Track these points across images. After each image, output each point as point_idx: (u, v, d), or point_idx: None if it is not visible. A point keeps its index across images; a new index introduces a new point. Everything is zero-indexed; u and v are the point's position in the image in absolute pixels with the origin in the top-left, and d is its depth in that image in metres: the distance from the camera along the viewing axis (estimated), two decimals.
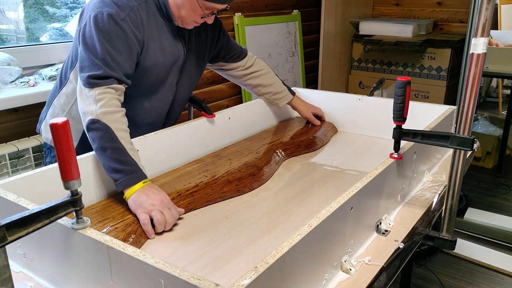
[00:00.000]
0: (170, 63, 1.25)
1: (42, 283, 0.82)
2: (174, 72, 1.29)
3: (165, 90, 1.29)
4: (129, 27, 1.11)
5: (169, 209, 0.98)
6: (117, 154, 1.01)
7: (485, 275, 2.13)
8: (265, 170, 1.26)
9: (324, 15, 2.88)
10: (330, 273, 0.80)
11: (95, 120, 1.03)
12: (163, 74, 1.25)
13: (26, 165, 1.60)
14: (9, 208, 0.81)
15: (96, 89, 1.05)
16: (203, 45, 1.37)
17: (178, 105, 1.38)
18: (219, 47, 1.45)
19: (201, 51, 1.37)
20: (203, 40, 1.37)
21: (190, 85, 1.39)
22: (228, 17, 2.58)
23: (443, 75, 2.90)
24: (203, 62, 1.41)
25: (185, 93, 1.38)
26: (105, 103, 1.04)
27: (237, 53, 1.51)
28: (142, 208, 0.97)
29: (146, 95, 1.27)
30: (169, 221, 0.97)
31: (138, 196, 0.98)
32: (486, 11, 0.85)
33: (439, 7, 3.22)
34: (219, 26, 1.43)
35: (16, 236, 0.57)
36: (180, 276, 0.58)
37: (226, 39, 1.47)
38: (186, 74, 1.34)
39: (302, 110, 1.66)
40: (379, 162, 0.99)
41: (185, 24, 1.22)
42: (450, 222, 1.01)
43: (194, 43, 1.33)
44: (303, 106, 1.66)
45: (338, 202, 0.79)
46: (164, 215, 0.96)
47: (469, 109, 0.92)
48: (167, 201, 1.00)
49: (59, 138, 0.64)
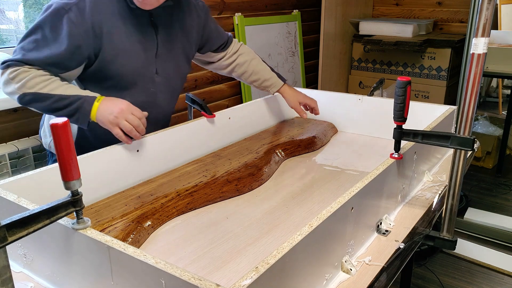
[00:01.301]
0: (140, 50, 1.22)
1: (43, 283, 0.82)
2: (150, 62, 1.25)
3: (144, 81, 1.26)
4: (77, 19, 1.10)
5: (131, 113, 1.09)
6: (60, 102, 1.09)
7: (485, 275, 2.13)
8: (265, 170, 1.26)
9: (324, 15, 2.88)
10: (331, 273, 0.80)
11: (21, 96, 1.09)
12: (135, 64, 1.22)
13: (26, 165, 1.59)
14: (9, 208, 0.81)
15: (9, 69, 1.09)
16: (187, 31, 1.33)
17: (166, 97, 1.34)
18: (207, 34, 1.41)
19: (185, 38, 1.33)
20: (188, 27, 1.33)
21: (177, 75, 1.35)
22: (228, 17, 2.58)
23: (443, 75, 2.90)
24: (190, 50, 1.37)
25: (170, 84, 1.33)
26: (17, 75, 1.08)
27: (224, 41, 1.48)
28: (109, 123, 1.08)
29: (126, 89, 1.24)
30: (135, 124, 1.09)
31: (100, 114, 1.09)
32: (486, 11, 0.85)
33: (439, 7, 3.22)
34: (206, 12, 1.40)
35: (16, 236, 0.57)
36: (181, 276, 0.58)
37: (214, 26, 1.43)
38: (168, 64, 1.30)
39: (289, 99, 1.54)
40: (379, 162, 0.99)
41: (142, 4, 1.15)
42: (450, 222, 1.01)
43: (174, 30, 1.29)
44: (291, 94, 1.54)
45: (338, 202, 0.79)
46: (128, 121, 1.08)
47: (469, 109, 0.92)
48: (126, 106, 1.09)
49: (59, 138, 0.64)
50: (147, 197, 1.08)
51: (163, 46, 1.27)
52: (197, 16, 1.36)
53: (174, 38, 1.30)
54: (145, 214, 0.99)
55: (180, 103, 2.40)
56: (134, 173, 1.16)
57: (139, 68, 1.23)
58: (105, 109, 1.09)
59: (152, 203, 1.04)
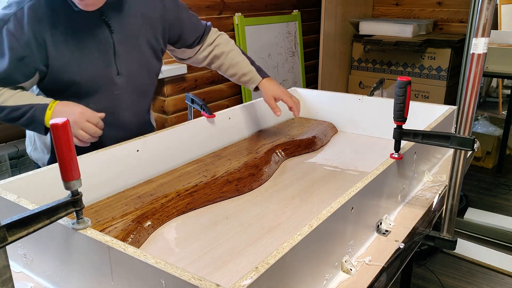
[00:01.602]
0: (93, 54, 1.14)
1: (43, 284, 0.82)
2: (108, 64, 1.17)
3: (106, 85, 1.18)
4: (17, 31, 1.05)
5: (87, 121, 1.06)
6: (14, 113, 1.07)
7: (485, 275, 2.13)
8: (265, 170, 1.26)
9: (324, 15, 2.88)
10: (331, 273, 0.80)
11: None
12: (91, 69, 1.14)
13: (26, 165, 1.60)
14: (9, 208, 0.81)
15: None
16: (150, 24, 1.23)
17: (133, 98, 1.25)
18: (179, 27, 1.30)
19: (149, 32, 1.23)
20: (150, 19, 1.23)
21: (143, 73, 1.26)
22: (228, 17, 2.58)
23: (443, 75, 2.90)
24: (157, 44, 1.27)
25: (137, 83, 1.24)
26: None
27: (200, 34, 1.36)
28: None
29: (88, 95, 1.17)
30: (91, 132, 1.06)
31: None
32: (486, 11, 0.85)
33: (439, 7, 3.22)
34: (174, 2, 1.29)
35: (16, 236, 0.57)
36: (181, 276, 0.58)
37: (188, 17, 1.32)
38: (131, 62, 1.21)
39: (264, 93, 1.39)
40: (379, 162, 0.99)
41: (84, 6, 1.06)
42: (450, 222, 1.01)
43: (133, 25, 1.19)
44: (267, 88, 1.38)
45: (338, 202, 0.79)
46: (84, 130, 1.05)
47: (469, 109, 0.92)
48: (79, 116, 1.06)
49: (59, 138, 0.64)
50: (147, 197, 1.08)
51: (121, 45, 1.18)
52: (161, 7, 1.25)
53: (134, 33, 1.20)
54: (145, 214, 0.99)
55: (180, 103, 2.41)
56: (134, 173, 1.16)
57: (96, 72, 1.16)
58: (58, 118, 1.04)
59: (152, 203, 1.04)
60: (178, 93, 2.40)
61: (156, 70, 1.31)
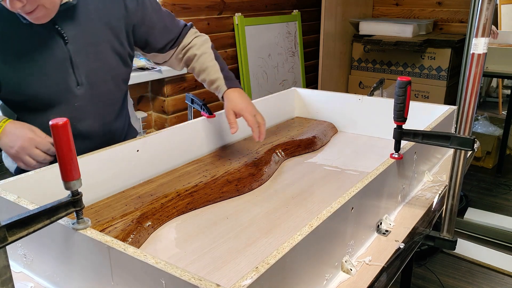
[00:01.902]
0: (47, 67, 1.07)
1: (43, 284, 0.82)
2: (65, 75, 1.10)
3: (65, 98, 1.11)
4: None
5: (35, 147, 1.01)
6: None
7: (485, 275, 2.13)
8: (265, 170, 1.26)
9: (324, 15, 2.88)
10: (331, 273, 0.80)
11: None
12: (46, 83, 1.08)
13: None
14: (9, 208, 0.81)
15: None
16: (111, 26, 1.14)
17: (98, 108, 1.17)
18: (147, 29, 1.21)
19: (111, 35, 1.15)
20: (110, 21, 1.14)
21: (108, 81, 1.18)
22: (228, 17, 2.58)
23: (443, 75, 2.90)
24: (121, 48, 1.18)
25: (100, 92, 1.17)
26: None
27: (175, 37, 1.27)
28: (11, 156, 1.01)
29: (47, 109, 1.11)
30: (39, 159, 1.01)
31: (2, 144, 1.01)
32: (486, 11, 0.85)
33: (439, 7, 3.22)
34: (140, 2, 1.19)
35: (16, 236, 0.57)
36: (181, 276, 0.58)
37: (158, 18, 1.22)
38: (92, 71, 1.13)
39: (225, 105, 1.23)
40: (379, 162, 0.99)
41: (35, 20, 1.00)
42: (450, 222, 1.01)
43: (90, 31, 1.11)
44: (230, 100, 1.22)
45: (338, 202, 0.79)
46: (32, 157, 1.00)
47: (469, 109, 0.92)
48: (28, 141, 1.00)
49: (59, 138, 0.64)
50: (147, 197, 1.08)
51: (79, 54, 1.10)
52: (123, 9, 1.16)
53: (93, 40, 1.12)
54: (145, 214, 0.99)
55: (180, 103, 2.41)
56: (134, 173, 1.16)
57: (53, 86, 1.09)
58: (6, 141, 1.00)
59: (152, 203, 1.04)
60: (178, 93, 2.40)
61: (123, 76, 1.23)
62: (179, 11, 2.30)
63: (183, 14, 2.32)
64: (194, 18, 2.39)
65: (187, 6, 2.34)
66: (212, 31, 2.51)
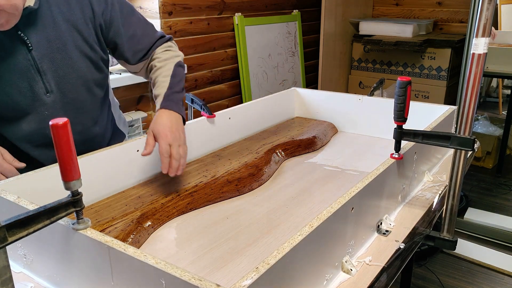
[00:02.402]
0: (11, 76, 1.03)
1: (43, 284, 0.82)
2: (32, 83, 1.05)
3: (34, 107, 1.07)
4: None
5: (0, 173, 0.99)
6: None
7: (485, 275, 2.13)
8: (265, 170, 1.26)
9: (324, 15, 2.88)
10: (331, 274, 0.80)
11: None
12: (10, 92, 1.04)
13: None
14: (9, 209, 0.81)
15: None
16: (77, 29, 1.08)
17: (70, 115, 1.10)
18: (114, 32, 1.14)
19: (79, 39, 1.09)
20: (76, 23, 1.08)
21: (79, 87, 1.13)
22: (228, 17, 2.58)
23: (443, 75, 2.90)
24: (91, 51, 1.12)
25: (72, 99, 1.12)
26: None
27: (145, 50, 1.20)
28: None
29: (16, 118, 1.08)
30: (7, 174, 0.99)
31: None
32: (486, 11, 0.85)
33: (439, 7, 3.22)
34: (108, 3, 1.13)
35: (16, 236, 0.57)
36: (181, 276, 0.58)
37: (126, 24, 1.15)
38: (61, 77, 1.09)
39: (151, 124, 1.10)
40: (379, 162, 0.99)
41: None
42: (450, 222, 1.01)
43: (56, 36, 1.05)
44: (153, 121, 1.09)
45: (339, 202, 0.79)
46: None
47: (469, 109, 0.92)
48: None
49: (59, 138, 0.64)
50: (147, 197, 1.08)
51: (45, 61, 1.05)
52: (89, 10, 1.10)
53: (59, 45, 1.06)
54: (145, 214, 0.99)
55: None
56: (134, 173, 1.16)
57: (19, 95, 1.05)
58: None
59: (152, 203, 1.04)
60: None
61: (97, 81, 1.17)
62: (179, 11, 2.30)
63: (183, 14, 2.32)
64: (194, 18, 2.39)
65: (187, 6, 2.34)
66: (212, 31, 2.51)
